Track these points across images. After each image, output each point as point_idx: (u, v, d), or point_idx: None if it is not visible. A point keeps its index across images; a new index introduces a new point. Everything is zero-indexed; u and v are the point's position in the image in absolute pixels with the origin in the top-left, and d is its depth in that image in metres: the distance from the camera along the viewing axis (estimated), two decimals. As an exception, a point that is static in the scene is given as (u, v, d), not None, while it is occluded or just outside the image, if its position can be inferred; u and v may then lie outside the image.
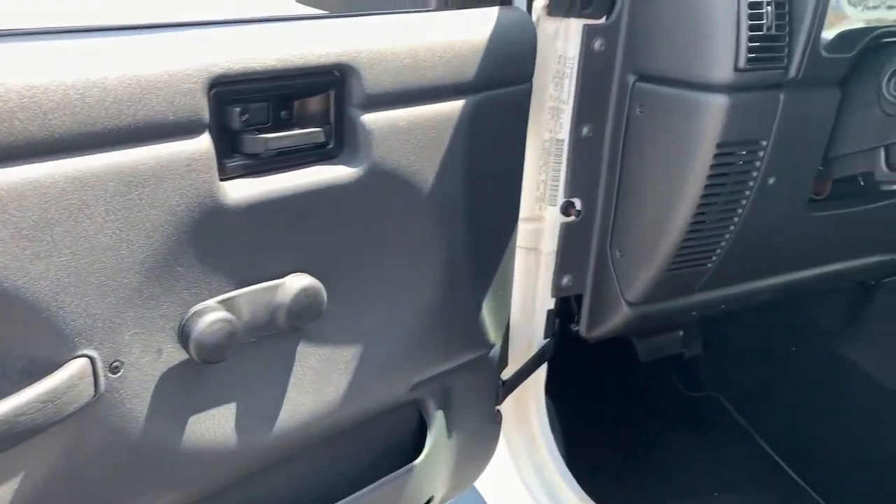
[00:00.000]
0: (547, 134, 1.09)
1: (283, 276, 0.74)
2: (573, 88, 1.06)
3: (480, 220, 0.93)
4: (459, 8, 0.88)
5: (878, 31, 1.05)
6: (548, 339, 1.23)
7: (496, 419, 1.11)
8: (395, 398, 0.91)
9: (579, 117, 1.07)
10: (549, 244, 1.15)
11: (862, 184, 1.15)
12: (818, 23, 0.97)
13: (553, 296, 1.19)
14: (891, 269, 1.48)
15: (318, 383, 0.81)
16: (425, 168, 0.81)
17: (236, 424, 0.75)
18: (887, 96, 0.99)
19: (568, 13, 1.02)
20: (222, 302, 0.69)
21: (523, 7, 0.93)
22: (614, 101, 1.08)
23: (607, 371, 1.72)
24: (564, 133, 1.09)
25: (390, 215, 0.81)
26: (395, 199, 0.80)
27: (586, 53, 1.04)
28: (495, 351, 1.04)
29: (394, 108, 0.77)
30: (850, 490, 1.49)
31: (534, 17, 1.03)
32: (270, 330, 0.74)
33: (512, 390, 1.15)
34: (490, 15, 0.88)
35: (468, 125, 0.85)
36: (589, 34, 1.03)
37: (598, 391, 1.69)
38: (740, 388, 1.73)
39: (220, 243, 0.69)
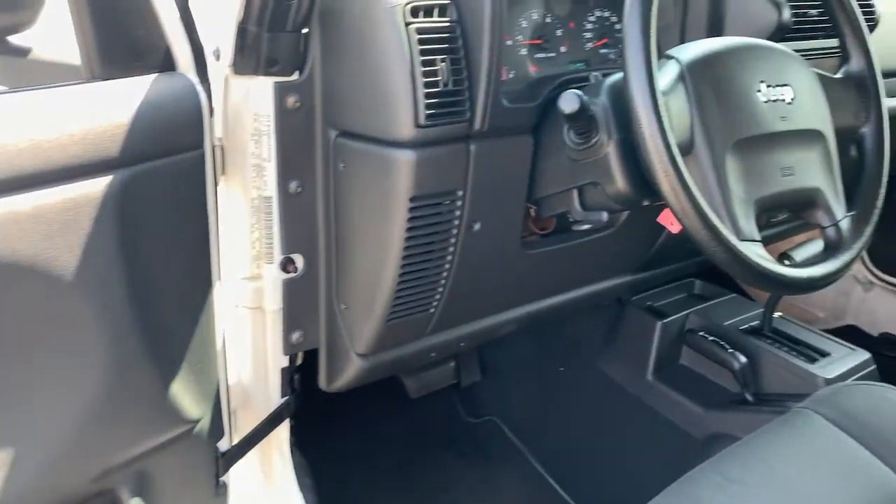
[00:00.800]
0: (254, 192, 1.07)
1: None
2: (273, 146, 1.04)
3: (158, 294, 0.89)
4: (112, 78, 0.83)
5: (563, 79, 1.10)
6: (286, 397, 1.20)
7: (219, 492, 1.07)
8: (74, 494, 0.85)
9: (284, 174, 1.06)
10: (274, 302, 1.12)
11: (571, 220, 1.20)
12: (495, 76, 1.00)
13: (285, 353, 1.16)
14: (633, 288, 1.57)
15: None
16: (64, 254, 0.76)
17: None
18: (569, 143, 1.03)
19: (255, 72, 1.00)
20: None
21: (190, 72, 0.90)
22: (320, 157, 1.08)
23: (388, 408, 1.72)
24: (271, 190, 1.07)
25: (26, 308, 0.75)
26: (30, 289, 0.75)
27: (280, 111, 1.02)
28: (205, 422, 1.00)
29: (12, 195, 0.72)
30: (611, 502, 1.57)
31: (222, 77, 1.00)
32: None
33: (239, 457, 1.11)
34: (145, 84, 0.84)
35: (119, 201, 0.80)
36: (280, 92, 1.01)
37: (374, 432, 1.68)
38: (517, 411, 1.78)
39: None
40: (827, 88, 1.03)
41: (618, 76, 1.03)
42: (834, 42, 1.38)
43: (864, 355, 1.48)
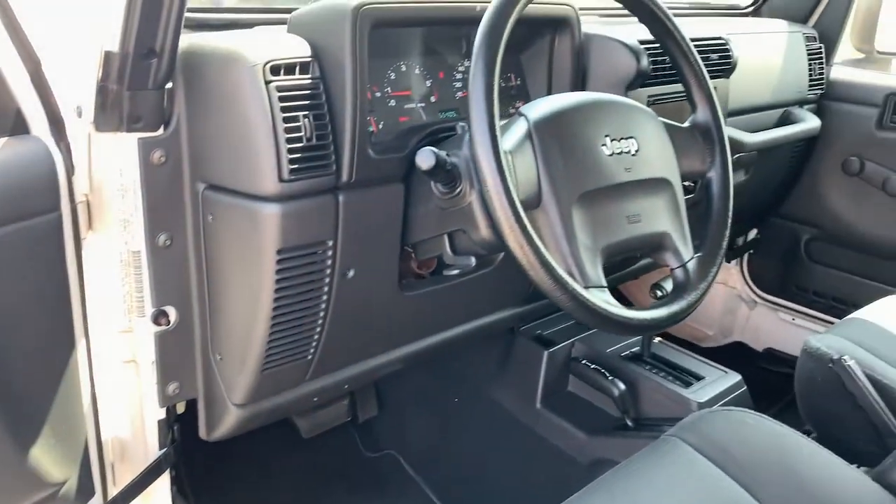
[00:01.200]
0: (123, 246, 1.06)
1: None
2: (140, 200, 1.04)
3: (13, 357, 0.87)
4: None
5: (432, 129, 1.14)
6: (165, 449, 1.19)
7: (89, 552, 1.05)
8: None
9: (152, 227, 1.06)
10: (147, 355, 1.12)
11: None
12: (360, 130, 1.02)
13: (161, 405, 1.15)
14: (521, 319, 1.62)
15: None
16: None
17: None
18: (436, 192, 1.06)
19: (118, 129, 0.99)
20: None
21: (44, 134, 0.89)
22: (190, 209, 1.08)
23: (284, 446, 1.72)
24: (140, 244, 1.06)
25: None
26: None
27: (146, 166, 1.02)
28: (72, 483, 0.98)
29: None
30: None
31: (85, 134, 1.00)
32: None
33: (114, 515, 1.10)
34: (-8, 149, 0.83)
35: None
36: (145, 147, 1.01)
37: (270, 473, 1.67)
38: (414, 444, 1.80)
39: None
40: (674, 137, 1.10)
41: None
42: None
43: (736, 377, 1.56)
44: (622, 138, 1.00)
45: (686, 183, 1.12)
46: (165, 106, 1.03)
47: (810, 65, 1.95)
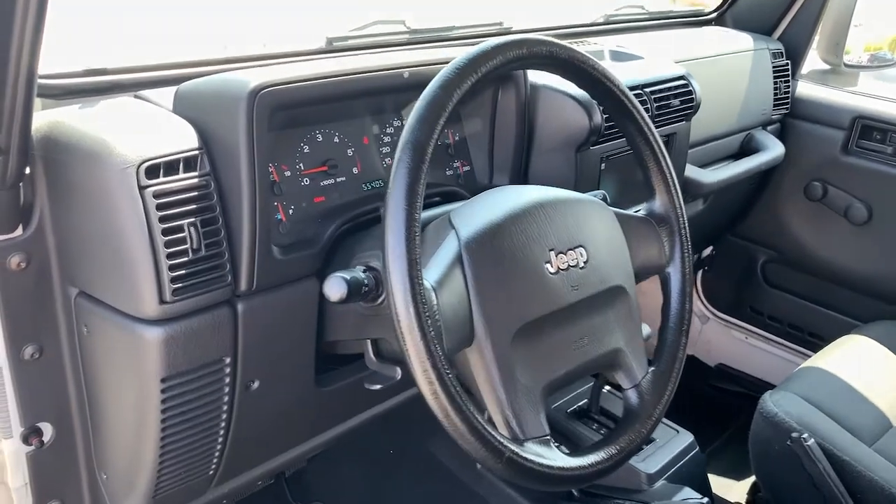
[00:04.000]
0: (-23, 362, 0.89)
1: None
2: (-2, 312, 0.87)
3: None
4: None
5: (353, 213, 0.98)
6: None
7: None
8: None
9: (15, 340, 0.89)
10: (17, 478, 0.96)
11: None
12: (262, 231, 0.86)
13: (40, 525, 1.01)
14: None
15: None
16: None
17: None
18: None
19: (-39, 235, 0.82)
20: None
21: None
22: (62, 316, 0.91)
23: None
24: (1, 359, 0.89)
25: None
26: None
27: (2, 273, 0.85)
28: None
29: None
30: None
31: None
32: None
33: None
34: None
35: None
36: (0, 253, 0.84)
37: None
38: (346, 494, 1.68)
39: None
40: (628, 228, 0.95)
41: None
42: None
43: (688, 438, 1.45)
44: (569, 249, 0.85)
45: None
46: (23, 202, 0.85)
47: (776, 83, 1.82)
